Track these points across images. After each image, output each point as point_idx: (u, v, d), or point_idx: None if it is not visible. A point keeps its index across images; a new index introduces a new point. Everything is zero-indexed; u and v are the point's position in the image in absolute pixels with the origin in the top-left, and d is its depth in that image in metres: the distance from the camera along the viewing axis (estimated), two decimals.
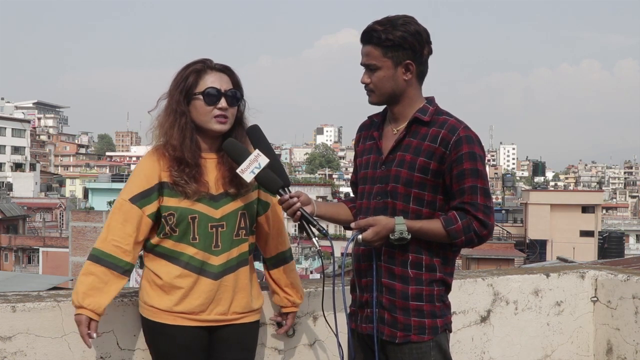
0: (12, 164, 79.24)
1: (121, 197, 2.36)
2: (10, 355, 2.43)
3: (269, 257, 2.62)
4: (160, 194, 2.35)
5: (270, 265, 2.62)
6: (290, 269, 2.64)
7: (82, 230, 36.46)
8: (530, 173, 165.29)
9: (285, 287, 2.62)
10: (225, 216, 2.39)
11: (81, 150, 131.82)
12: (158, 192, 2.35)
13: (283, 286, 2.62)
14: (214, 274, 2.37)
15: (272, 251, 2.61)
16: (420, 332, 2.31)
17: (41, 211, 58.10)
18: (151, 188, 2.34)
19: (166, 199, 2.35)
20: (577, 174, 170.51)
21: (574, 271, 3.65)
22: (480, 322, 3.35)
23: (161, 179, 2.35)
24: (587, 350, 3.63)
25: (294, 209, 2.30)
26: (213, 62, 2.43)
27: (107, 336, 2.55)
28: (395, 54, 2.29)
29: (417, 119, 2.35)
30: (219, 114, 2.37)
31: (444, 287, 2.39)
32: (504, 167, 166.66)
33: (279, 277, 2.61)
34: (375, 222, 2.26)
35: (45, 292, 2.73)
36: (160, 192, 2.35)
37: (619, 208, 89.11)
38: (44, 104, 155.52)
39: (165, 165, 2.36)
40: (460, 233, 2.28)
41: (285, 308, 2.65)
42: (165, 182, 2.35)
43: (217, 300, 2.38)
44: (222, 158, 2.42)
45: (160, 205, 2.35)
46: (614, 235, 38.23)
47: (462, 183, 2.28)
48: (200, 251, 2.35)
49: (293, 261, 2.68)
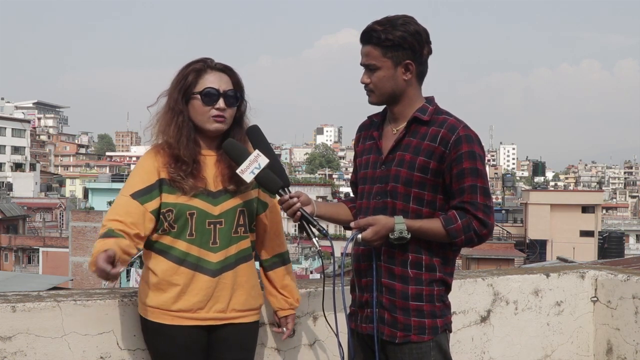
0: (12, 164, 79.24)
1: (122, 194, 2.36)
2: (10, 355, 2.42)
3: (266, 258, 2.60)
4: (160, 191, 2.36)
5: (267, 266, 2.61)
6: (288, 271, 2.62)
7: (82, 230, 36.42)
8: (530, 173, 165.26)
9: (282, 289, 2.59)
10: (223, 213, 2.39)
11: (81, 150, 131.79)
12: (159, 189, 2.35)
13: (279, 288, 2.59)
14: (212, 270, 2.36)
15: (269, 252, 2.60)
16: (420, 332, 2.31)
17: (41, 211, 58.09)
18: (152, 185, 2.34)
19: (165, 195, 2.35)
20: (577, 174, 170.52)
21: (574, 271, 3.65)
22: (480, 322, 3.35)
23: (160, 175, 2.36)
24: (587, 350, 3.63)
25: (294, 209, 2.30)
26: (214, 62, 2.43)
27: (107, 336, 2.55)
28: (395, 54, 2.29)
29: (417, 119, 2.35)
30: (216, 114, 2.37)
31: (444, 287, 2.38)
32: (504, 167, 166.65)
33: (275, 278, 2.59)
34: (374, 222, 2.26)
35: (45, 292, 2.73)
36: (161, 189, 2.36)
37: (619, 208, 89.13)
38: (44, 104, 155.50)
39: (164, 162, 2.37)
40: (460, 232, 2.28)
41: (283, 311, 2.61)
42: (164, 179, 2.36)
43: (216, 297, 2.37)
44: (222, 156, 2.42)
45: (161, 202, 2.35)
46: (614, 235, 38.20)
47: (461, 182, 2.28)
48: (195, 247, 2.35)
49: (290, 263, 2.66)
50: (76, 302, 2.53)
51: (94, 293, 2.69)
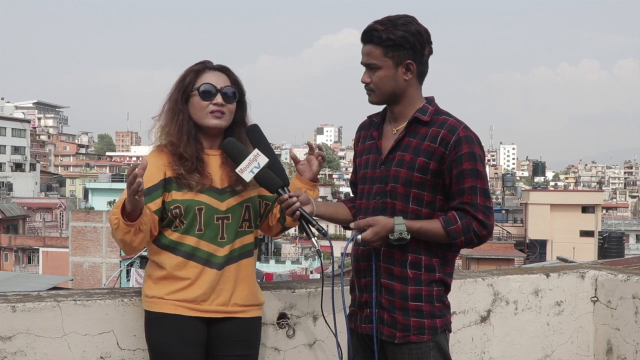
0: (12, 164, 79.17)
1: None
2: (10, 355, 2.43)
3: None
4: (165, 190, 2.38)
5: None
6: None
7: (82, 230, 36.42)
8: (530, 173, 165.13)
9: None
10: (230, 208, 2.42)
11: (81, 150, 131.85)
12: (163, 187, 2.38)
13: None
14: (218, 264, 2.39)
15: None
16: (420, 333, 2.31)
17: (41, 211, 58.07)
18: (155, 185, 2.36)
19: (173, 193, 2.37)
20: (577, 174, 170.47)
21: (574, 271, 3.65)
22: (480, 322, 3.35)
23: (166, 175, 2.39)
24: (587, 350, 3.63)
25: (293, 208, 2.30)
26: (212, 63, 2.49)
27: (107, 336, 2.55)
28: (396, 53, 2.29)
29: (417, 119, 2.35)
30: (214, 110, 2.40)
31: (444, 287, 2.38)
32: (504, 167, 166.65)
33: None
34: (374, 222, 2.26)
35: (45, 292, 2.73)
36: (166, 187, 2.38)
37: (619, 208, 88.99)
38: (44, 104, 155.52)
39: (168, 161, 2.40)
40: (459, 233, 2.28)
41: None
42: (171, 177, 2.38)
43: (219, 290, 2.39)
44: (226, 158, 2.44)
45: (166, 200, 2.37)
46: (614, 235, 38.17)
47: (461, 183, 2.28)
48: (205, 242, 2.37)
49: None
50: (76, 302, 2.53)
51: (94, 293, 2.69)
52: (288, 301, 2.88)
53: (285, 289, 2.90)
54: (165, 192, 2.38)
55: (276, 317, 2.86)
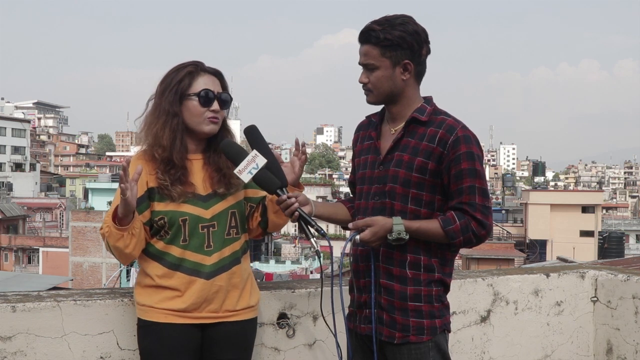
0: (12, 164, 79.16)
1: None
2: (10, 355, 2.43)
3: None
4: (151, 200, 2.36)
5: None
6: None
7: (82, 230, 36.42)
8: (530, 173, 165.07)
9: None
10: (215, 216, 2.39)
11: (81, 150, 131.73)
12: (149, 198, 2.36)
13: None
14: (207, 273, 2.36)
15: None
16: (419, 333, 2.31)
17: (41, 211, 58.06)
18: (141, 197, 2.33)
19: (156, 204, 2.35)
20: (577, 174, 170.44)
21: (574, 271, 3.65)
22: (480, 322, 3.35)
23: (148, 185, 2.36)
24: (587, 350, 3.63)
25: (292, 209, 2.30)
26: (205, 65, 2.44)
27: (107, 336, 2.55)
28: (393, 53, 2.29)
29: (415, 119, 2.34)
30: (211, 116, 2.38)
31: (443, 287, 2.38)
32: (504, 167, 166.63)
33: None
34: (373, 223, 2.26)
35: (45, 292, 2.74)
36: (150, 198, 2.36)
37: (619, 208, 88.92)
38: (44, 104, 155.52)
39: (152, 170, 2.36)
40: (458, 233, 2.28)
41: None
42: (153, 188, 2.36)
43: (210, 299, 2.36)
44: (208, 159, 2.43)
45: (152, 210, 2.35)
46: (614, 235, 38.13)
47: (460, 183, 2.28)
48: (190, 252, 2.35)
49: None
50: (76, 302, 2.53)
51: (94, 293, 2.69)
52: (288, 301, 2.88)
53: (285, 289, 2.90)
54: (150, 202, 2.35)
55: (276, 317, 2.86)
